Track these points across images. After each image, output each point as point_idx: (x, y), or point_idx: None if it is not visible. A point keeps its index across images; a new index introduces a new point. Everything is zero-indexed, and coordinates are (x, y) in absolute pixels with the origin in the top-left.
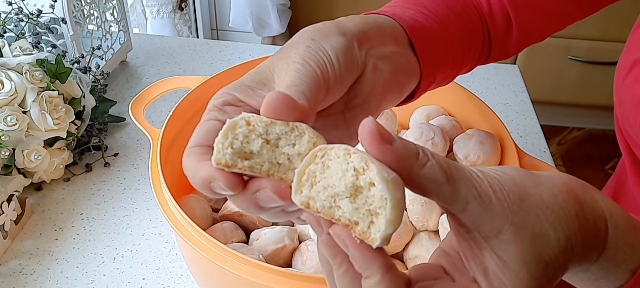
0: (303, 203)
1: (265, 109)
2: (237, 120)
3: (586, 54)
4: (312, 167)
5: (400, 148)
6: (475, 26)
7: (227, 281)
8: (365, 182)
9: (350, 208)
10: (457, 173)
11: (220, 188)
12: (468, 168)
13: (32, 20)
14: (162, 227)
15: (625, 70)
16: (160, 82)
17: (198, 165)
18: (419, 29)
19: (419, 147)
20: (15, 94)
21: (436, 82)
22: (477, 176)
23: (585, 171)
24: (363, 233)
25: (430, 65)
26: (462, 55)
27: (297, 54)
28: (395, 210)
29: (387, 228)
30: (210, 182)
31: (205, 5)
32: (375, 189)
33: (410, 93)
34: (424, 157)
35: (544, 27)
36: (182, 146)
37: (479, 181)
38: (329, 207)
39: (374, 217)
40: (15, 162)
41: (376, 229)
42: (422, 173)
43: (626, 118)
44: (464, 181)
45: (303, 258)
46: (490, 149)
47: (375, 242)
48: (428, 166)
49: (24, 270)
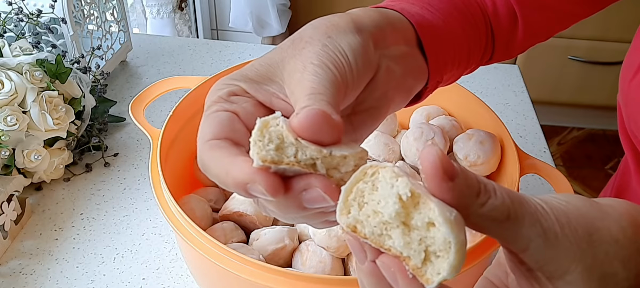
0: (350, 226)
1: (300, 127)
2: (269, 119)
3: (586, 54)
4: (361, 185)
5: (462, 186)
6: (479, 24)
7: (227, 281)
8: (423, 221)
9: (402, 242)
10: (521, 210)
11: (260, 192)
12: (533, 200)
13: (32, 20)
14: (162, 227)
15: (632, 71)
16: (160, 82)
17: (230, 164)
18: (427, 27)
19: (482, 182)
20: (15, 94)
21: (443, 81)
22: (543, 209)
23: (585, 171)
24: (417, 270)
25: (438, 64)
26: (467, 54)
27: (313, 54)
28: (460, 255)
29: (449, 274)
30: (248, 184)
31: (205, 5)
32: (436, 230)
33: (417, 94)
34: (485, 196)
35: (551, 26)
36: (182, 146)
37: (544, 216)
38: (379, 234)
39: (432, 257)
40: (15, 162)
41: (434, 271)
42: (481, 212)
43: (633, 118)
44: (527, 218)
45: (303, 258)
46: (490, 149)
47: (431, 283)
48: (489, 204)
49: (24, 270)
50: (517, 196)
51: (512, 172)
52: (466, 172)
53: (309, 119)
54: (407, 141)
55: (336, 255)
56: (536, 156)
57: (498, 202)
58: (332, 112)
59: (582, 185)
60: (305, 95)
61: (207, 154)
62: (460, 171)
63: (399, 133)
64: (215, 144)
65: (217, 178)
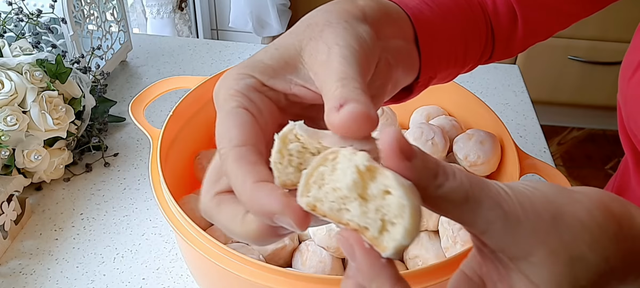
0: (309, 205)
1: (342, 127)
2: (286, 133)
3: (586, 54)
4: (322, 169)
5: (419, 166)
6: (479, 22)
7: (227, 281)
8: (379, 189)
9: (360, 212)
10: (480, 193)
11: (287, 224)
12: (495, 185)
13: (32, 20)
14: (162, 227)
15: (631, 70)
16: (160, 82)
17: (257, 189)
18: (424, 21)
19: (441, 166)
20: (15, 94)
21: (437, 78)
22: (506, 193)
23: (585, 171)
24: (374, 240)
25: (432, 59)
26: (464, 51)
27: (338, 35)
28: (414, 219)
29: (404, 238)
30: (276, 214)
31: (205, 5)
32: (391, 197)
33: (408, 88)
34: (443, 177)
35: (550, 25)
36: (182, 146)
37: (506, 199)
38: (337, 209)
39: (389, 225)
40: (15, 162)
41: (391, 238)
42: (438, 193)
43: (632, 117)
44: (487, 201)
45: (303, 258)
46: (490, 149)
47: (387, 251)
48: (446, 186)
49: (24, 270)
50: (477, 180)
51: (512, 172)
52: (425, 154)
53: (353, 120)
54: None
55: (336, 255)
56: (536, 156)
57: (455, 185)
58: (368, 104)
59: (582, 185)
60: (337, 80)
61: (232, 164)
62: (418, 152)
63: None
64: (242, 153)
65: (237, 193)
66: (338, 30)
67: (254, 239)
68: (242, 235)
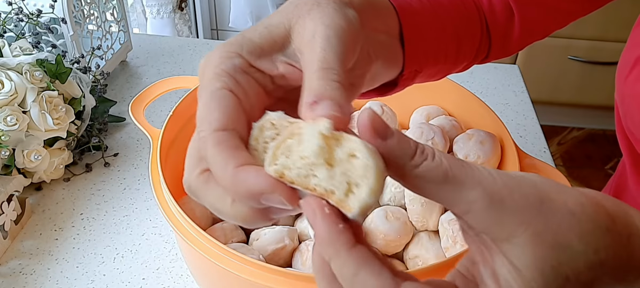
0: (277, 172)
1: None
2: (264, 122)
3: (586, 54)
4: (289, 141)
5: (395, 146)
6: (473, 19)
7: (227, 281)
8: (345, 153)
9: (326, 175)
10: (460, 173)
11: (278, 202)
12: (480, 168)
13: (32, 20)
14: (162, 227)
15: (627, 68)
16: (160, 82)
17: (243, 171)
18: (411, 14)
19: (420, 147)
20: (15, 94)
21: (424, 74)
22: (490, 175)
23: (585, 171)
24: (340, 202)
25: (417, 54)
26: (457, 48)
27: (325, 16)
28: (378, 179)
29: (368, 197)
30: (264, 194)
31: (205, 5)
32: (357, 160)
33: (393, 81)
34: (420, 157)
35: (548, 23)
36: (182, 146)
37: (489, 180)
38: (304, 175)
39: (354, 187)
40: (15, 162)
41: (356, 198)
42: (415, 172)
43: (629, 115)
44: (469, 181)
45: (303, 258)
46: (490, 149)
47: (352, 211)
48: (423, 166)
49: (24, 270)
50: (458, 161)
51: None
52: (401, 135)
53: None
54: None
55: None
56: (536, 156)
57: (434, 165)
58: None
59: (582, 185)
60: (316, 70)
61: (213, 149)
62: (395, 133)
63: None
64: (223, 137)
65: (219, 179)
66: (327, 10)
67: (244, 220)
68: (231, 216)
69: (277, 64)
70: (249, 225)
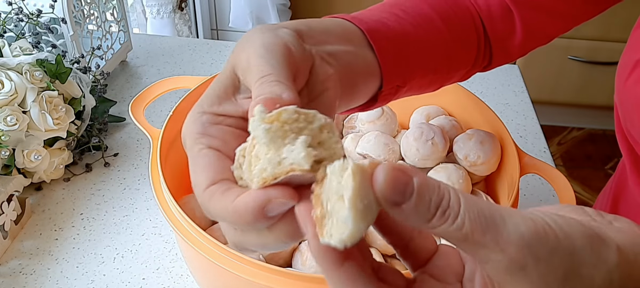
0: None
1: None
2: (244, 147)
3: (586, 54)
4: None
5: (411, 211)
6: (467, 29)
7: (227, 281)
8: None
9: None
10: (483, 238)
11: (281, 204)
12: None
13: (32, 20)
14: (162, 227)
15: (627, 70)
16: (160, 82)
17: (239, 200)
18: (384, 31)
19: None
20: (15, 94)
21: (412, 87)
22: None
23: (585, 171)
24: (318, 219)
25: (397, 67)
26: (447, 59)
27: (255, 42)
28: (353, 239)
29: (337, 244)
30: (265, 205)
31: (205, 5)
32: (342, 205)
33: (374, 97)
34: (439, 221)
35: (551, 28)
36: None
37: (515, 246)
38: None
39: (335, 221)
40: (15, 162)
41: (329, 232)
42: (432, 232)
43: (629, 117)
44: (492, 245)
45: (303, 258)
46: (490, 149)
47: (322, 238)
48: (441, 229)
49: (24, 270)
50: (484, 223)
51: (512, 172)
52: (420, 196)
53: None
54: (407, 141)
55: None
56: (536, 156)
57: (453, 229)
58: (283, 89)
59: (582, 185)
60: (256, 81)
61: (210, 204)
62: (414, 193)
63: (399, 133)
64: (214, 190)
65: (228, 222)
66: (255, 37)
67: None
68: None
69: (239, 103)
70: (288, 243)
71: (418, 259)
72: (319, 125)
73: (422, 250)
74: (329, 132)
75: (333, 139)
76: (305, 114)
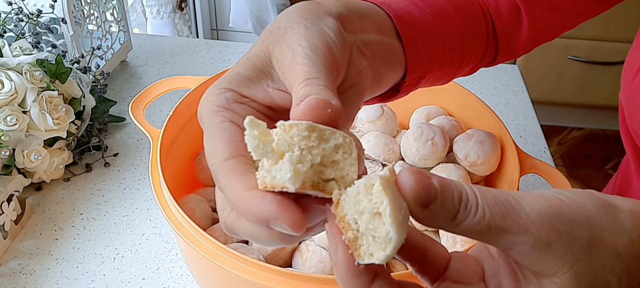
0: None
1: (302, 116)
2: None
3: (586, 54)
4: None
5: (438, 211)
6: (478, 22)
7: (227, 281)
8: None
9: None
10: (504, 223)
11: (282, 228)
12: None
13: (32, 20)
14: (162, 227)
15: (634, 69)
16: (160, 82)
17: (251, 195)
18: (409, 20)
19: (462, 202)
20: (15, 94)
21: (429, 79)
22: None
23: (585, 171)
24: (352, 242)
25: (420, 58)
26: (461, 52)
27: (300, 36)
28: (396, 250)
29: (381, 261)
30: (270, 220)
31: (205, 5)
32: (380, 221)
33: (396, 87)
34: (463, 215)
35: (557, 25)
36: (182, 146)
37: (537, 224)
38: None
39: (372, 238)
40: (15, 162)
41: (367, 251)
42: (457, 229)
43: (635, 117)
44: (514, 229)
45: (303, 258)
46: (490, 149)
47: (362, 259)
48: (466, 223)
49: (24, 270)
50: (502, 208)
51: (512, 172)
52: (444, 196)
53: (310, 110)
54: (407, 141)
55: None
56: (536, 156)
57: (476, 220)
58: (332, 96)
59: (582, 185)
60: (301, 81)
61: (224, 178)
62: (438, 195)
63: (399, 133)
64: (232, 165)
65: (234, 205)
66: (300, 30)
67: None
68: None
69: (269, 91)
70: (288, 244)
71: (436, 268)
72: (334, 144)
73: (439, 257)
74: (344, 153)
75: (348, 160)
76: (320, 130)
